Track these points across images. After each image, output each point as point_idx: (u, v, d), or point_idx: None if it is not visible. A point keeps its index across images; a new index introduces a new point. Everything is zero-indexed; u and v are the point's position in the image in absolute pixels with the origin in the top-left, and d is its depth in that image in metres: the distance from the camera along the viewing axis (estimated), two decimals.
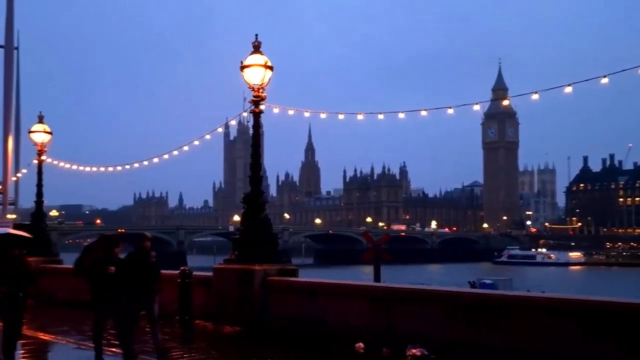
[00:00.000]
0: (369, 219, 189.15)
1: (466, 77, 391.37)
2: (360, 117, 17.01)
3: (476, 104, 17.01)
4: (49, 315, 17.49)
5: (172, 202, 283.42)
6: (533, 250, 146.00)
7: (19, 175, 33.52)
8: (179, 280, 14.21)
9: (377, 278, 31.25)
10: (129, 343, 10.45)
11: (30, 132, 22.63)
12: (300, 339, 11.71)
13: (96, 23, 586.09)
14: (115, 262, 10.73)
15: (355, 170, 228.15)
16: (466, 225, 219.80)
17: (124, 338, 10.51)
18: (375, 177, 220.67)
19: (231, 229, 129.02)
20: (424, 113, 16.76)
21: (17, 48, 31.25)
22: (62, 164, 30.46)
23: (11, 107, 27.27)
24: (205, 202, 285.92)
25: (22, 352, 12.50)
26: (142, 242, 11.31)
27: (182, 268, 14.72)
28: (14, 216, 27.77)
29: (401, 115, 17.26)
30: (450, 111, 16.48)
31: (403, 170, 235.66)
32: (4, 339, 9.76)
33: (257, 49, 13.78)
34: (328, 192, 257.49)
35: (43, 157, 22.87)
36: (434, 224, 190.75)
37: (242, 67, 13.72)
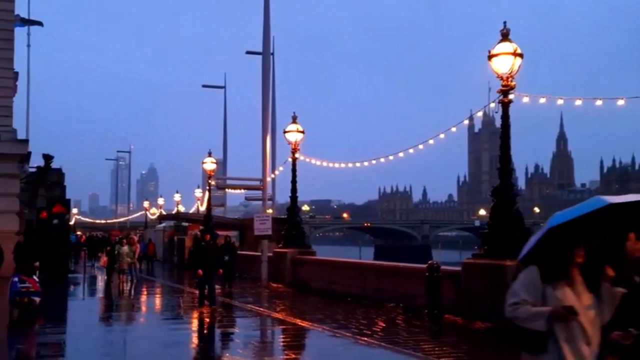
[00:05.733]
0: None
1: None
2: (620, 102, 15.62)
3: None
4: (305, 302, 18.52)
5: (416, 196, 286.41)
6: None
7: (276, 172, 36.13)
8: (427, 274, 14.19)
9: None
10: None
11: (285, 131, 24.18)
12: None
13: (333, 18, 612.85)
14: None
15: (614, 160, 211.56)
16: None
17: None
18: (637, 167, 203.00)
19: (477, 223, 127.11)
20: None
21: (272, 54, 33.68)
22: (313, 161, 32.30)
23: (269, 109, 29.38)
24: (450, 195, 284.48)
25: (282, 336, 13.38)
26: None
27: (430, 262, 14.68)
28: (270, 211, 29.91)
29: None
30: None
31: None
32: None
33: (505, 36, 13.37)
34: (583, 184, 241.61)
35: (296, 155, 24.31)
36: None
37: (490, 57, 13.36)
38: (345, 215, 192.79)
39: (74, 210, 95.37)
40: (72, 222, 60.06)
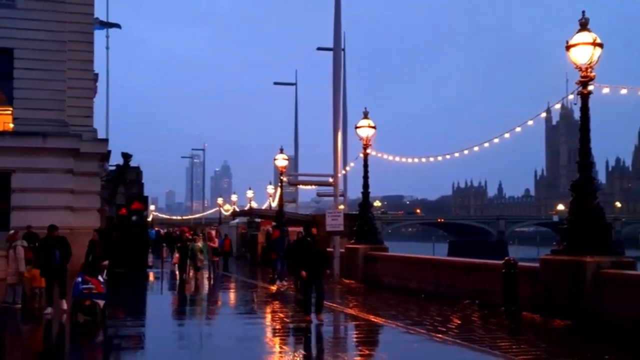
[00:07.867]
0: None
1: None
2: None
3: None
4: (378, 299, 18.44)
5: (491, 191, 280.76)
6: None
7: (347, 168, 36.07)
8: (503, 270, 13.91)
9: None
10: None
11: (356, 127, 24.11)
12: None
13: (404, 15, 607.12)
14: None
15: None
16: None
17: None
18: None
19: (555, 218, 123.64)
20: None
21: (343, 49, 33.61)
22: (385, 156, 32.08)
23: (340, 105, 29.33)
24: (526, 190, 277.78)
25: (355, 332, 13.35)
26: None
27: (506, 258, 14.40)
28: (342, 207, 29.88)
29: None
30: None
31: None
32: None
33: (584, 26, 13.00)
34: None
35: (368, 151, 24.20)
36: None
37: (568, 47, 13.01)
38: (418, 210, 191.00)
39: (152, 207, 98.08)
40: (149, 219, 61.78)
